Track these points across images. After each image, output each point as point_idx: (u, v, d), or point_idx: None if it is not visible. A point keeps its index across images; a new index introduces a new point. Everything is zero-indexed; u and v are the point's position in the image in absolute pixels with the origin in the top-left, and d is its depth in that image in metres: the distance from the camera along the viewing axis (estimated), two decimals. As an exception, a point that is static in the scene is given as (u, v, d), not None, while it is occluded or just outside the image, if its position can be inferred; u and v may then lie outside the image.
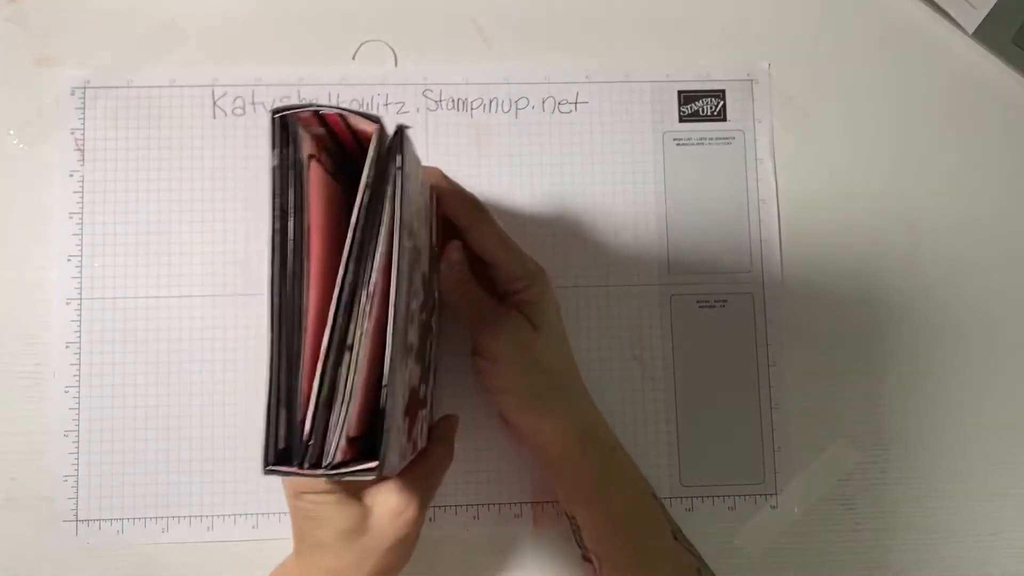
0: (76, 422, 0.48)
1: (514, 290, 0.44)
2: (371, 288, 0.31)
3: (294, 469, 0.30)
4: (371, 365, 0.31)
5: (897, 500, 0.50)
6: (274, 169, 0.31)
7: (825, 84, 0.53)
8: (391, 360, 0.31)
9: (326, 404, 0.30)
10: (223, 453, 0.49)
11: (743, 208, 0.52)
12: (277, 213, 0.31)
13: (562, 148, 0.52)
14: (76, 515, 0.48)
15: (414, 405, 0.37)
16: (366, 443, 0.33)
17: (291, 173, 0.31)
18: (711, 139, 0.52)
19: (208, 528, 0.48)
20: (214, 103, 0.51)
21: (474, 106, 0.52)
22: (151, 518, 0.48)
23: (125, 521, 0.48)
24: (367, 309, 0.31)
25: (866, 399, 0.51)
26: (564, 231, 0.51)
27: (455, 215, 0.43)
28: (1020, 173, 0.53)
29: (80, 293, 0.49)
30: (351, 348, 0.30)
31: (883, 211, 0.52)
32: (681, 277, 0.51)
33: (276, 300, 0.30)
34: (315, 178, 0.32)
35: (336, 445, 0.30)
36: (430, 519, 0.49)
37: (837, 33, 0.54)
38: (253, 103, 0.51)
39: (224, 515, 0.48)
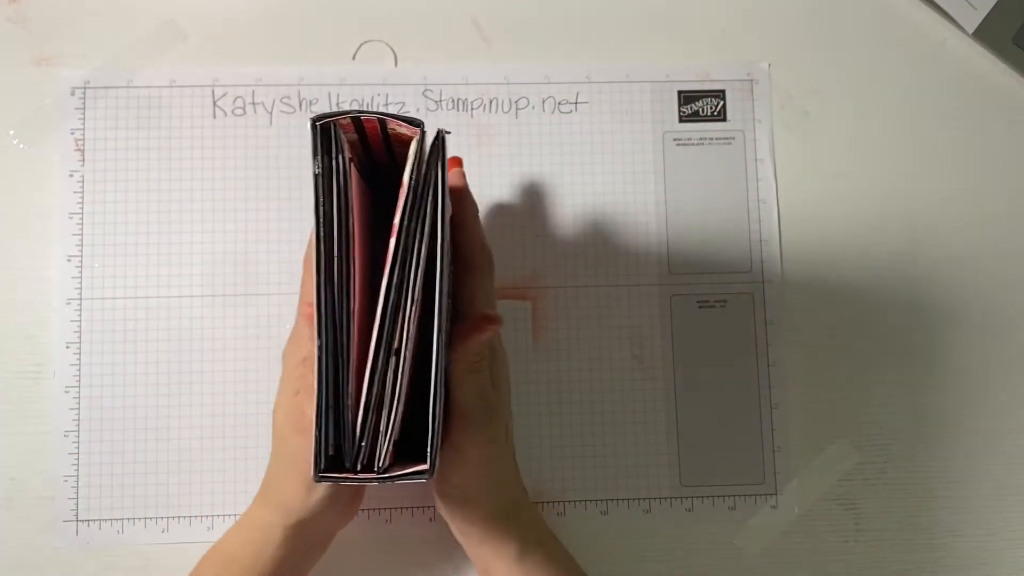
0: (76, 422, 0.48)
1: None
2: (416, 291, 0.31)
3: (347, 475, 0.30)
4: (412, 375, 0.32)
5: (897, 500, 0.50)
6: (317, 176, 0.31)
7: (825, 84, 0.53)
8: (437, 363, 0.31)
9: (376, 408, 0.30)
10: (223, 453, 0.49)
11: (743, 208, 0.52)
12: (323, 220, 0.31)
13: (562, 148, 0.52)
14: (76, 515, 0.48)
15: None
16: (402, 444, 0.34)
17: (335, 179, 0.31)
18: (711, 139, 0.52)
19: (208, 528, 0.48)
20: (214, 103, 0.51)
21: (474, 106, 0.52)
22: (151, 518, 0.48)
23: (125, 521, 0.48)
24: (413, 313, 0.31)
25: (866, 399, 0.51)
26: (564, 231, 0.51)
27: (462, 214, 0.42)
28: (1020, 173, 0.53)
29: (80, 293, 0.49)
30: (398, 352, 0.31)
31: (883, 211, 0.52)
32: (681, 277, 0.51)
33: (325, 307, 0.30)
34: (354, 183, 0.32)
35: (387, 449, 0.31)
36: (430, 519, 0.49)
37: (837, 33, 0.54)
38: (253, 103, 0.51)
39: (224, 515, 0.48)
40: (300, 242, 0.50)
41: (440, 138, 0.32)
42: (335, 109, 0.31)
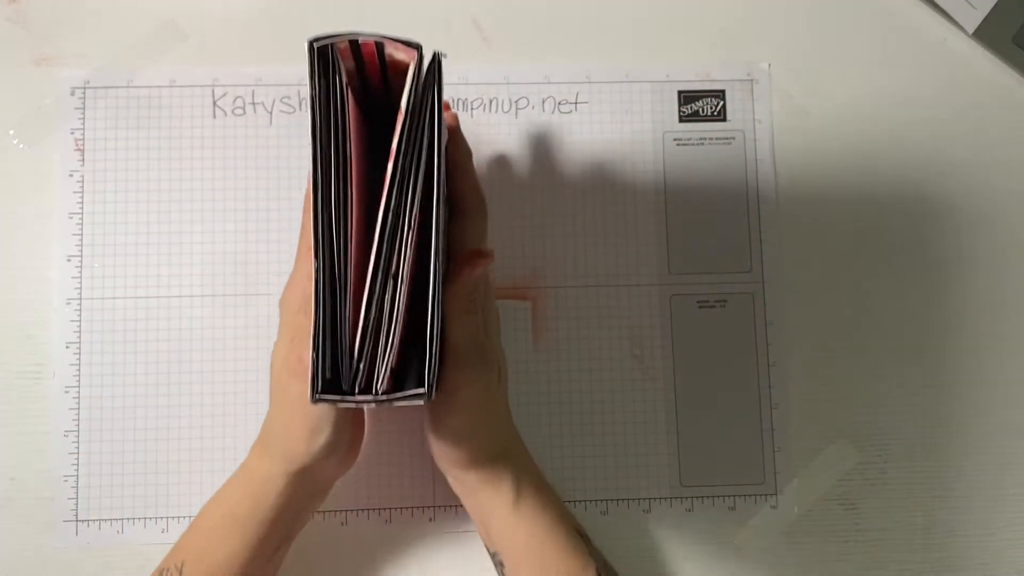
0: (76, 422, 0.48)
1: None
2: (413, 216, 0.31)
3: (344, 396, 0.30)
4: (409, 301, 0.32)
5: (897, 500, 0.50)
6: (314, 99, 0.30)
7: (825, 84, 0.53)
8: (435, 286, 0.31)
9: (374, 332, 0.30)
10: (223, 453, 0.49)
11: (743, 208, 0.52)
12: (320, 142, 0.30)
13: (562, 148, 0.52)
14: (76, 515, 0.48)
15: None
16: (400, 372, 0.34)
17: (332, 101, 0.31)
18: (711, 139, 0.52)
19: (208, 528, 0.48)
20: (214, 103, 0.51)
21: (474, 106, 0.52)
22: (151, 518, 0.48)
23: (125, 521, 0.48)
24: (410, 239, 0.31)
25: (866, 399, 0.51)
26: (564, 231, 0.51)
27: (457, 157, 0.42)
28: (1021, 173, 0.53)
29: (80, 293, 0.49)
30: (395, 277, 0.31)
31: (883, 211, 0.52)
32: (681, 277, 0.51)
33: (323, 230, 0.30)
34: (352, 112, 0.32)
35: (385, 372, 0.31)
36: (429, 519, 0.49)
37: (837, 33, 0.54)
38: (253, 103, 0.51)
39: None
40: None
41: (436, 61, 0.32)
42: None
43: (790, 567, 0.50)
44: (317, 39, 0.31)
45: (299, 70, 0.51)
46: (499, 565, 0.44)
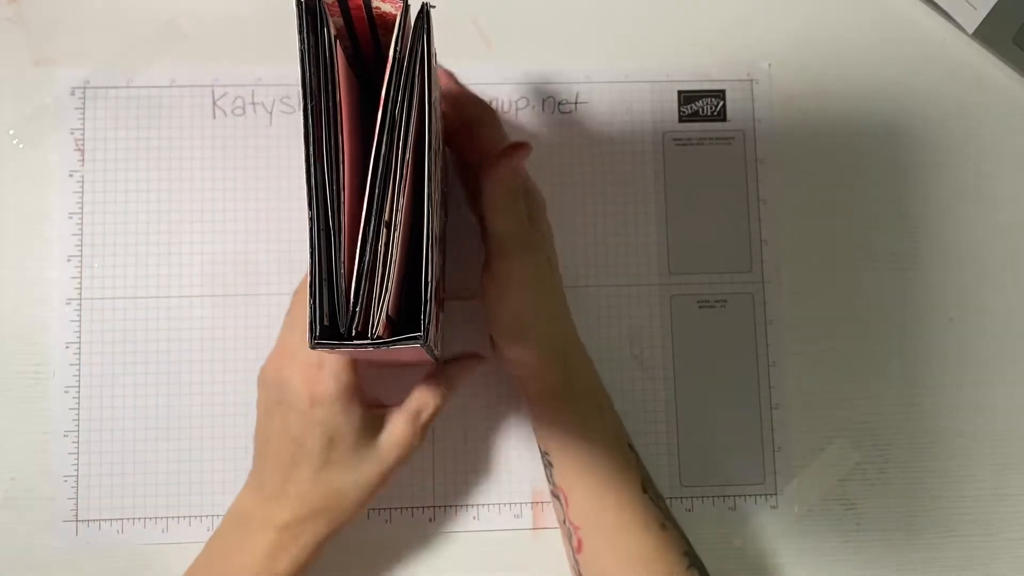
0: (76, 422, 0.48)
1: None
2: (405, 164, 0.31)
3: (342, 341, 0.31)
4: (403, 245, 0.32)
5: (897, 500, 0.50)
6: (303, 52, 0.31)
7: (825, 84, 0.53)
8: (428, 233, 0.31)
9: (369, 275, 0.31)
10: (223, 453, 0.49)
11: (743, 208, 0.52)
12: (310, 93, 0.31)
13: (562, 148, 0.52)
14: (76, 515, 0.48)
15: (438, 299, 0.38)
16: (399, 325, 0.34)
17: (321, 53, 0.31)
18: (711, 139, 0.52)
19: (208, 528, 0.48)
20: (214, 103, 0.51)
21: (474, 106, 0.52)
22: (151, 518, 0.48)
23: (125, 521, 0.48)
24: (402, 186, 0.31)
25: (866, 399, 0.51)
26: (564, 231, 0.51)
27: (467, 112, 0.44)
28: (1021, 173, 0.53)
29: (80, 293, 0.49)
30: (389, 224, 0.31)
31: (883, 211, 0.52)
32: (681, 277, 0.51)
33: (316, 180, 0.31)
34: (341, 66, 0.33)
35: (380, 317, 0.31)
36: (429, 519, 0.49)
37: (837, 33, 0.54)
38: (253, 103, 0.51)
39: (224, 515, 0.48)
40: (300, 242, 0.50)
41: (424, 11, 0.32)
42: None
43: (790, 567, 0.50)
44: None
45: (299, 70, 0.51)
46: (548, 465, 0.45)
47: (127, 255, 0.50)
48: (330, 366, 0.39)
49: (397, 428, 0.41)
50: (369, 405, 0.42)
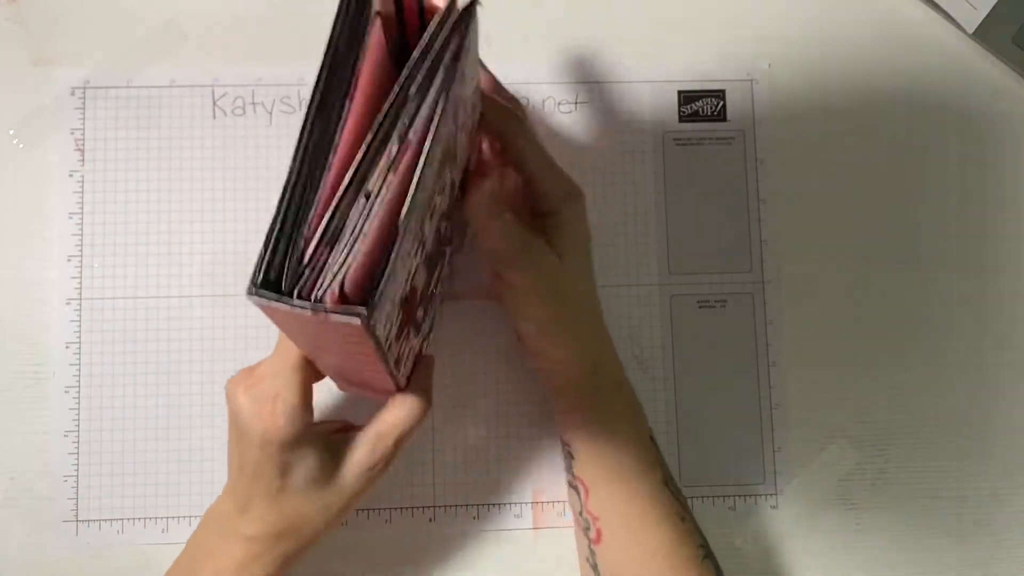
0: (76, 422, 0.48)
1: (545, 211, 0.43)
2: (405, 142, 0.30)
3: (280, 295, 0.29)
4: (381, 233, 0.30)
5: (897, 500, 0.50)
6: (338, 10, 0.30)
7: (825, 84, 0.53)
8: (405, 215, 0.30)
9: (331, 242, 0.29)
10: (223, 453, 0.48)
11: (743, 208, 0.52)
12: (331, 50, 0.30)
13: (562, 148, 0.52)
14: (76, 515, 0.48)
15: (410, 310, 0.36)
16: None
17: (355, 20, 0.31)
18: (711, 139, 0.52)
19: (208, 528, 0.48)
20: (214, 103, 0.51)
21: (474, 106, 0.52)
22: (151, 518, 0.48)
23: (125, 521, 0.48)
24: (395, 160, 0.30)
25: (866, 399, 0.51)
26: (564, 231, 0.51)
27: (498, 122, 0.42)
28: (1021, 173, 0.53)
29: (80, 293, 0.49)
30: (368, 195, 0.29)
31: (883, 211, 0.52)
32: (681, 277, 0.51)
33: (307, 130, 0.30)
34: (375, 40, 0.31)
35: (330, 285, 0.29)
36: (429, 519, 0.49)
37: (837, 33, 0.54)
38: (253, 103, 0.51)
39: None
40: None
41: (471, 8, 0.31)
42: None
43: (790, 567, 0.50)
44: None
45: (299, 70, 0.51)
46: (568, 456, 0.45)
47: (127, 255, 0.50)
48: (283, 404, 0.37)
49: (358, 456, 0.40)
50: (331, 431, 0.41)
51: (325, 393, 0.47)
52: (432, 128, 0.30)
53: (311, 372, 0.38)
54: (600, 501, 0.44)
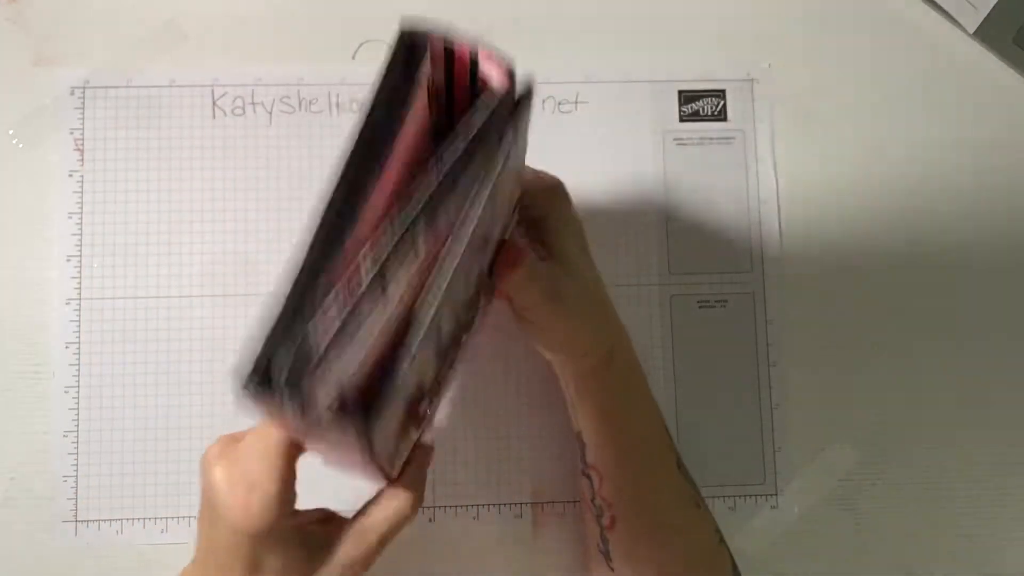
0: (76, 422, 0.48)
1: (534, 217, 0.42)
2: (433, 231, 0.27)
3: (270, 391, 0.25)
4: (391, 336, 0.27)
5: (897, 500, 0.50)
6: (384, 69, 0.27)
7: (825, 84, 0.53)
8: (439, 300, 0.27)
9: (342, 343, 0.25)
10: (223, 453, 0.49)
11: (743, 208, 0.52)
12: (369, 114, 0.27)
13: (562, 148, 0.52)
14: (76, 515, 0.48)
15: (414, 407, 0.35)
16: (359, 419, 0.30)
17: (400, 82, 0.27)
18: (711, 139, 0.52)
19: (208, 528, 0.48)
20: (214, 103, 0.51)
21: (474, 106, 0.52)
22: (151, 518, 0.48)
23: (125, 521, 0.48)
24: (420, 253, 0.27)
25: (866, 399, 0.51)
26: (564, 231, 0.51)
27: (543, 203, 0.41)
28: (1021, 173, 0.53)
29: (80, 293, 0.49)
30: (385, 288, 0.26)
31: (883, 211, 0.52)
32: (681, 277, 0.51)
33: (329, 204, 0.26)
34: (419, 109, 0.28)
35: (334, 388, 0.26)
36: (429, 519, 0.49)
37: (837, 33, 0.54)
38: (253, 103, 0.51)
39: None
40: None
41: (529, 91, 0.28)
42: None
43: (790, 567, 0.50)
44: (408, 30, 0.27)
45: (299, 70, 0.51)
46: (582, 445, 0.45)
47: (127, 255, 0.50)
48: (262, 494, 0.33)
49: (338, 554, 0.36)
50: (310, 520, 0.37)
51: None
52: (462, 221, 0.27)
53: (295, 451, 0.33)
54: (615, 487, 0.43)
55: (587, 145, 0.52)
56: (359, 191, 0.26)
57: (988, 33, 0.52)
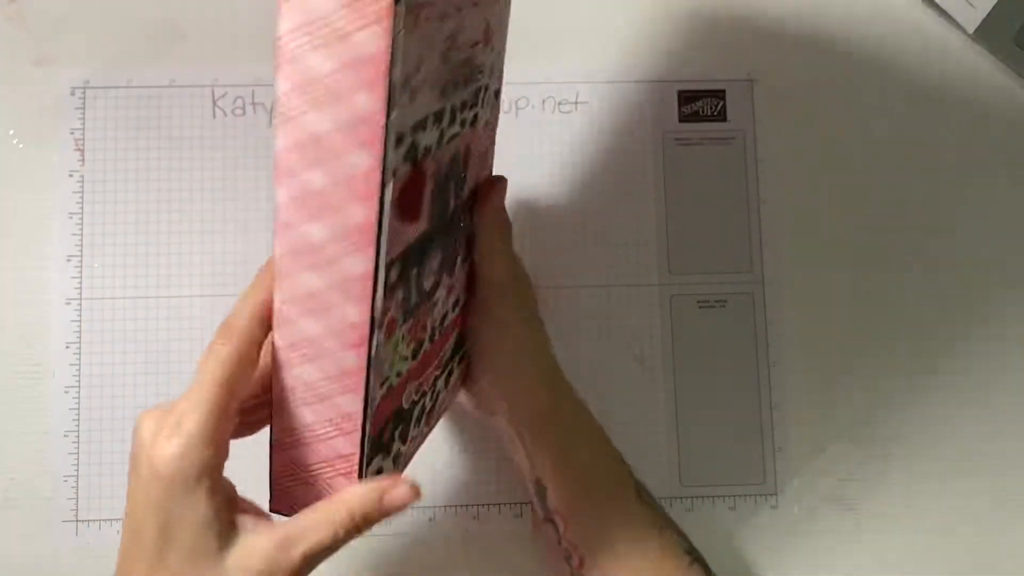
0: (76, 422, 0.48)
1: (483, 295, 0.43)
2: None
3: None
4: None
5: (897, 500, 0.50)
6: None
7: (825, 84, 0.53)
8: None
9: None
10: (223, 453, 0.49)
11: (743, 208, 0.52)
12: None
13: (562, 148, 0.52)
14: (76, 515, 0.48)
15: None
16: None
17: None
18: (711, 139, 0.52)
19: (208, 528, 0.48)
20: (214, 103, 0.51)
21: (474, 106, 0.52)
22: (151, 518, 0.48)
23: (125, 521, 0.48)
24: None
25: (866, 399, 0.51)
26: (564, 231, 0.51)
27: (482, 233, 0.41)
28: (1021, 173, 0.53)
29: (80, 293, 0.49)
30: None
31: (883, 210, 0.52)
32: (681, 277, 0.51)
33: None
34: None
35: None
36: (429, 519, 0.49)
37: (837, 33, 0.54)
38: (253, 103, 0.51)
39: None
40: (300, 242, 0.50)
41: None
42: None
43: (790, 567, 0.50)
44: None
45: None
46: (541, 493, 0.44)
47: (127, 255, 0.50)
48: (187, 429, 0.30)
49: (257, 549, 0.31)
50: (236, 506, 0.33)
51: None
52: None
53: (229, 408, 0.31)
54: (580, 528, 0.43)
55: (587, 145, 0.52)
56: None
57: (988, 33, 0.53)
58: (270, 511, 0.32)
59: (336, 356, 0.30)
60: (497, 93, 0.42)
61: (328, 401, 0.31)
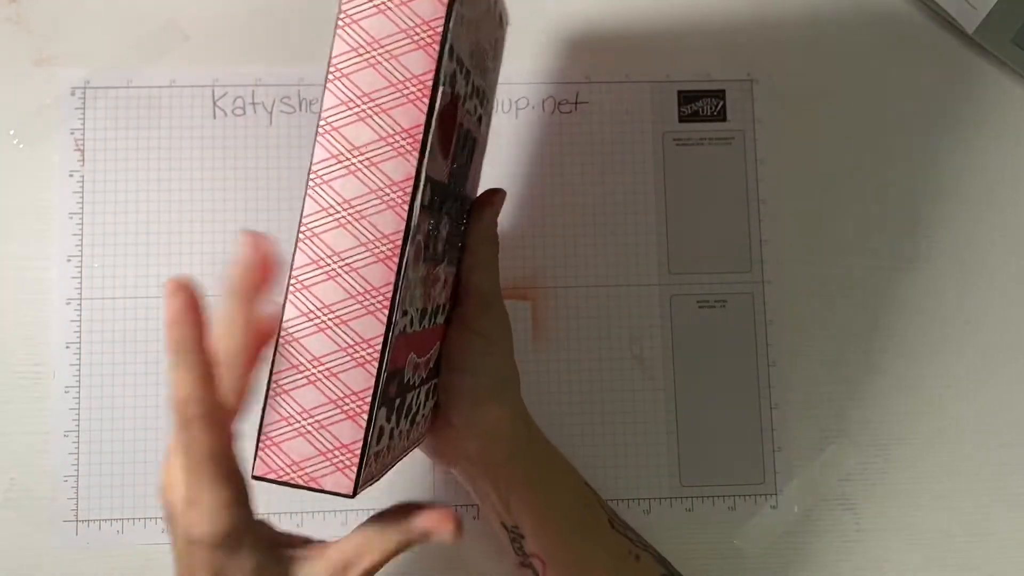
0: (76, 422, 0.48)
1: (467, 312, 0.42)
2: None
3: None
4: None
5: (897, 500, 0.50)
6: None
7: (825, 84, 0.53)
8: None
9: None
10: (223, 453, 0.49)
11: (743, 208, 0.52)
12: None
13: (562, 148, 0.52)
14: (76, 515, 0.48)
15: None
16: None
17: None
18: (711, 139, 0.52)
19: (208, 528, 0.48)
20: (214, 103, 0.51)
21: (474, 106, 0.52)
22: (151, 518, 0.48)
23: (125, 521, 0.48)
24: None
25: (866, 399, 0.51)
26: (564, 231, 0.51)
27: (475, 243, 0.41)
28: (1020, 173, 0.53)
29: (80, 293, 0.49)
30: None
31: (883, 210, 0.52)
32: (681, 277, 0.51)
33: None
34: None
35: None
36: (430, 519, 0.49)
37: (837, 33, 0.54)
38: (253, 103, 0.51)
39: None
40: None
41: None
42: None
43: (790, 567, 0.50)
44: None
45: (299, 70, 0.51)
46: (517, 538, 0.43)
47: (127, 255, 0.50)
48: (207, 505, 0.31)
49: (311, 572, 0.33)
50: (282, 542, 0.35)
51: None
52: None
53: (223, 455, 0.33)
54: (559, 567, 0.42)
55: (587, 145, 0.52)
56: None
57: (987, 33, 0.52)
58: (252, 478, 0.31)
59: (363, 271, 0.30)
60: (485, 121, 0.42)
61: (346, 325, 0.30)
